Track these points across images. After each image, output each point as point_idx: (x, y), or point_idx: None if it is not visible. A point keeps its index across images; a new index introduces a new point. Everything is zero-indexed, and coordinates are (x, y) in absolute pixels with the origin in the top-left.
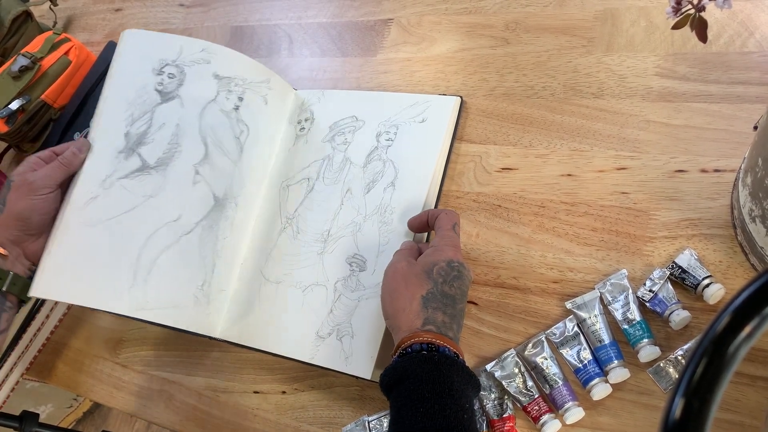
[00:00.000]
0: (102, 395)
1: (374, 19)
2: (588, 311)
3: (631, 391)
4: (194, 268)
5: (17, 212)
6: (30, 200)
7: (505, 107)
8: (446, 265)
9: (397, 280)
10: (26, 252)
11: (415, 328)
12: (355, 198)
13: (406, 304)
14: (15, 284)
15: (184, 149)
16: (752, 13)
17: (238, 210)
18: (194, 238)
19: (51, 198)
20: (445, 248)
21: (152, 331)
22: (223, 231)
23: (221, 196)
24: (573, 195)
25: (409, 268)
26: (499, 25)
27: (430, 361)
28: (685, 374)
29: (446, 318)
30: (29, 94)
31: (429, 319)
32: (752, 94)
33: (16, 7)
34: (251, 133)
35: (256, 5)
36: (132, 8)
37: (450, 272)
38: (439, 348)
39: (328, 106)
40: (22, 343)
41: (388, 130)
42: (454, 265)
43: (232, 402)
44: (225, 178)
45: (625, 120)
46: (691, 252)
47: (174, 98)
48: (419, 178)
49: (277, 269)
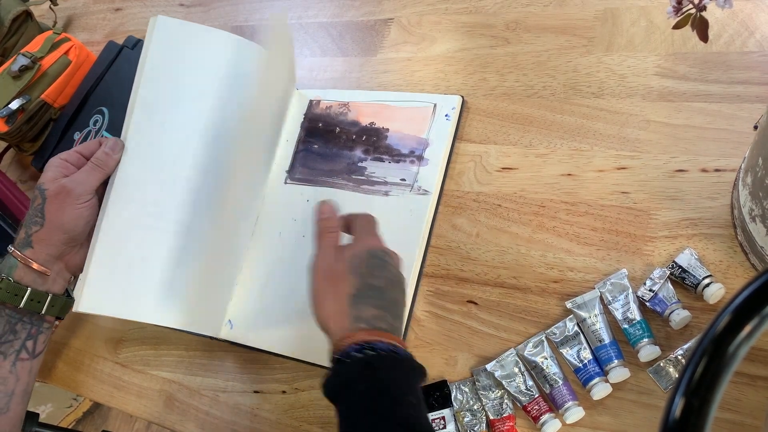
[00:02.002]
0: (102, 395)
1: (374, 18)
2: (588, 311)
3: (632, 391)
4: (197, 269)
5: (61, 224)
6: (74, 209)
7: (505, 107)
8: (368, 255)
9: (324, 281)
10: (68, 265)
11: (346, 329)
12: None
13: (336, 305)
14: (53, 305)
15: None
16: (753, 13)
17: (244, 208)
18: (200, 240)
19: (92, 204)
20: (365, 238)
21: (152, 331)
22: (228, 232)
23: (228, 193)
24: (573, 195)
25: (335, 266)
26: (499, 24)
27: (364, 363)
28: (685, 374)
29: (376, 311)
30: (29, 93)
31: (358, 316)
32: (752, 94)
33: (16, 7)
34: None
35: (256, 5)
36: (132, 8)
37: (372, 261)
38: (373, 345)
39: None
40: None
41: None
42: (376, 253)
43: (232, 402)
44: (235, 176)
45: (626, 120)
46: (692, 251)
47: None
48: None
49: (277, 270)
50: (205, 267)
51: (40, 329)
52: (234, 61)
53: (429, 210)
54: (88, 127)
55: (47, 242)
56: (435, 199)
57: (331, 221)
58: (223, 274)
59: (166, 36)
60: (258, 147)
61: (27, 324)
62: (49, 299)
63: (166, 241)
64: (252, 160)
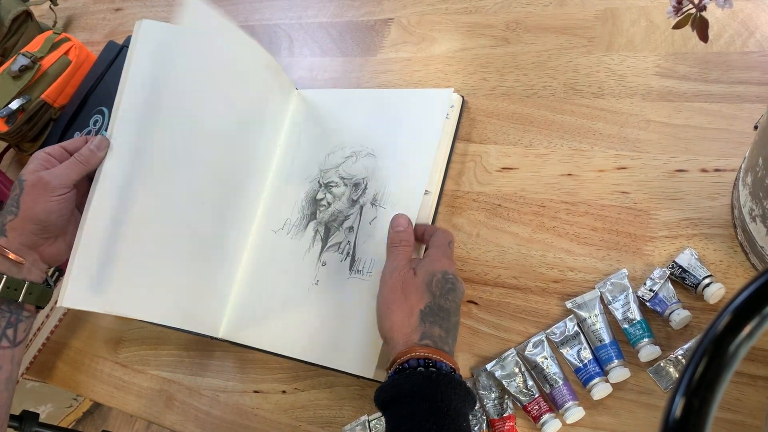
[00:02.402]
0: (102, 395)
1: (374, 18)
2: (588, 311)
3: (632, 391)
4: (200, 269)
5: (34, 215)
6: (47, 202)
7: (505, 107)
8: (442, 277)
9: (395, 292)
10: (43, 256)
11: (412, 343)
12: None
13: (405, 318)
14: (31, 293)
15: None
16: (753, 13)
17: (243, 208)
18: (197, 239)
19: (68, 198)
20: (442, 258)
21: (152, 331)
22: (227, 231)
23: (232, 191)
24: (573, 194)
25: (409, 279)
26: (499, 24)
27: (428, 379)
28: (685, 374)
29: (442, 332)
30: (29, 93)
31: (426, 333)
32: (752, 94)
33: (16, 7)
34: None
35: (256, 5)
36: (132, 8)
37: (445, 284)
38: (436, 363)
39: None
40: (22, 343)
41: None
42: (449, 277)
43: (232, 402)
44: (233, 175)
45: (626, 119)
46: (692, 251)
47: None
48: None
49: (277, 269)
50: (195, 264)
51: (19, 317)
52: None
53: (429, 210)
54: (88, 127)
55: (20, 231)
56: (435, 199)
57: (405, 234)
58: (216, 271)
59: (151, 41)
60: (248, 145)
61: (6, 312)
62: (26, 287)
63: (153, 237)
64: (241, 158)
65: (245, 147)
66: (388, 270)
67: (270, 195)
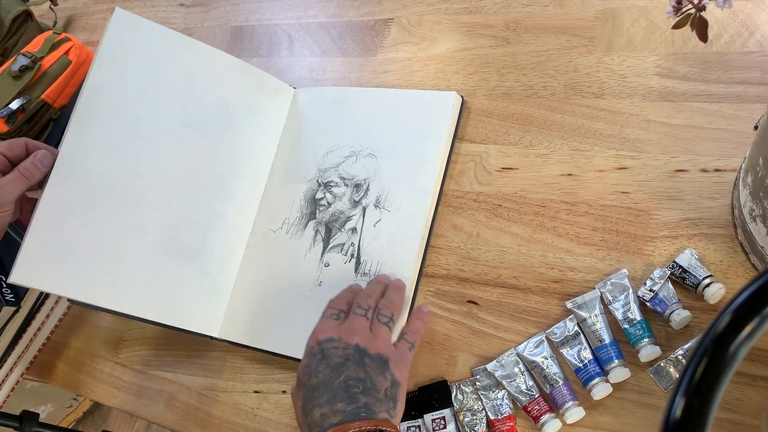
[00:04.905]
0: (102, 395)
1: (374, 18)
2: (588, 311)
3: (632, 391)
4: (193, 266)
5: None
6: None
7: (505, 107)
8: (303, 364)
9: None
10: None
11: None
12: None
13: (300, 424)
14: None
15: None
16: (753, 13)
17: (236, 206)
18: (192, 236)
19: (12, 213)
20: (311, 333)
21: (152, 331)
22: (221, 229)
23: (218, 190)
24: (573, 195)
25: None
26: (499, 24)
27: None
28: (685, 374)
29: (325, 408)
30: (29, 93)
31: (311, 425)
32: (753, 94)
33: (16, 7)
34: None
35: (256, 5)
36: (132, 8)
37: (306, 366)
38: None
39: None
40: (22, 343)
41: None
42: (311, 351)
43: (232, 402)
44: (220, 171)
45: (626, 120)
46: (692, 251)
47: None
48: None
49: (277, 269)
50: (175, 261)
51: None
52: (190, 64)
53: (429, 210)
54: None
55: None
56: (435, 199)
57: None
58: (204, 269)
59: (121, 30)
60: (227, 146)
61: None
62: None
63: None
64: (221, 159)
65: (223, 148)
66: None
67: (267, 194)
